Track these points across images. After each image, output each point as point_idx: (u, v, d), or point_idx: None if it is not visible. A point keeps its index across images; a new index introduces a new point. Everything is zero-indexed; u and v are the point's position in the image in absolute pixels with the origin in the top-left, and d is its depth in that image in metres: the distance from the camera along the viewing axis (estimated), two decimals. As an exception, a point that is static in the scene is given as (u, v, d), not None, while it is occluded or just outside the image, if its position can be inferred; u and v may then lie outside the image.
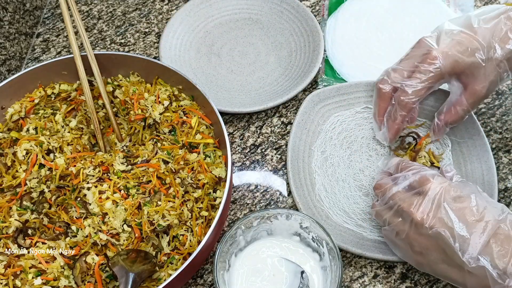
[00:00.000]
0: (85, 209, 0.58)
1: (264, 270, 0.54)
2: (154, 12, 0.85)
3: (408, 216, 0.51)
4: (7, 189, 0.60)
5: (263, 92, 0.74)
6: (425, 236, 0.50)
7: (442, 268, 0.50)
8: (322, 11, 0.83)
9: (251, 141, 0.70)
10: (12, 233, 0.57)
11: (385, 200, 0.54)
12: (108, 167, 0.61)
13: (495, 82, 0.58)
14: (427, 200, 0.50)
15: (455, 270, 0.49)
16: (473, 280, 0.48)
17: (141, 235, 0.57)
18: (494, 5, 0.61)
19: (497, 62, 0.56)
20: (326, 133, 0.69)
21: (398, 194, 0.53)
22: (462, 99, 0.59)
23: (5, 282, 0.54)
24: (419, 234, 0.51)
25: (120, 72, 0.69)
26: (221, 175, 0.61)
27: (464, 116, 0.61)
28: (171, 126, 0.65)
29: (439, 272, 0.51)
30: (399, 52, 0.76)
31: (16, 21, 0.78)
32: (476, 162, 0.64)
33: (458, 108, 0.60)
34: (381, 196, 0.55)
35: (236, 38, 0.81)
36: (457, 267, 0.48)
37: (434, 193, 0.50)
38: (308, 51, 0.76)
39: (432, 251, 0.50)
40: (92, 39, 0.82)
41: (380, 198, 0.55)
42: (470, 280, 0.48)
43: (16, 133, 0.64)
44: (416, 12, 0.80)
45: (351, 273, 0.60)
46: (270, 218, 0.55)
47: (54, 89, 0.68)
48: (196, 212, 0.58)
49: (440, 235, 0.48)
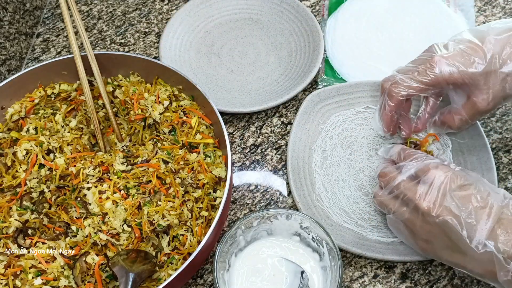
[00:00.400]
0: (85, 209, 0.58)
1: (264, 270, 0.54)
2: (154, 12, 0.85)
3: (414, 205, 0.52)
4: (7, 189, 0.60)
5: (263, 92, 0.74)
6: (431, 224, 0.51)
7: (446, 254, 0.51)
8: (322, 11, 0.83)
9: (251, 141, 0.70)
10: (12, 233, 0.57)
11: (390, 189, 0.55)
12: (108, 167, 0.61)
13: (498, 97, 0.56)
14: (433, 189, 0.51)
15: (459, 255, 0.50)
16: (477, 265, 0.49)
17: (141, 235, 0.57)
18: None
19: (503, 76, 0.55)
20: (326, 132, 0.69)
21: (403, 183, 0.53)
22: (461, 109, 0.59)
23: (5, 282, 0.54)
24: (425, 223, 0.51)
25: (120, 72, 0.69)
26: (221, 175, 0.61)
27: (462, 126, 0.60)
28: (171, 126, 0.65)
29: (443, 257, 0.52)
30: (399, 52, 0.77)
31: (16, 21, 0.78)
32: (476, 162, 0.64)
33: (456, 117, 0.60)
34: (386, 184, 0.56)
35: (236, 38, 0.81)
36: (461, 253, 0.49)
37: (439, 182, 0.51)
38: (308, 51, 0.76)
39: (437, 238, 0.51)
40: (92, 39, 0.82)
41: (384, 187, 0.56)
42: (475, 265, 0.49)
43: (16, 133, 0.64)
44: (416, 12, 0.80)
45: (351, 273, 0.60)
46: (270, 218, 0.55)
47: (54, 89, 0.68)
48: (196, 212, 0.58)
49: (447, 223, 0.49)
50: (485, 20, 0.81)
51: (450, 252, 0.51)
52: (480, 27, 0.58)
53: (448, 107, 0.62)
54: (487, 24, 0.58)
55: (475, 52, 0.55)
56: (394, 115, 0.62)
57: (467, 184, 0.51)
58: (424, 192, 0.51)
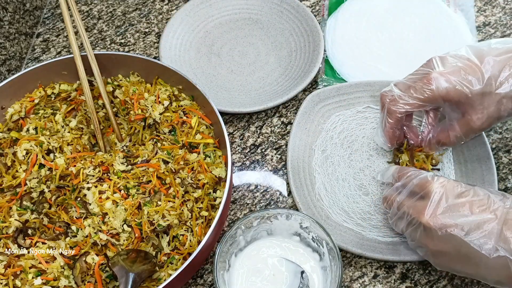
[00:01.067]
0: (85, 209, 0.58)
1: (264, 270, 0.54)
2: (154, 12, 0.85)
3: (417, 221, 0.51)
4: (7, 189, 0.60)
5: (263, 92, 0.74)
6: (437, 238, 0.50)
7: (459, 266, 0.50)
8: (322, 11, 0.83)
9: (251, 141, 0.70)
10: (12, 233, 0.57)
11: (394, 211, 0.54)
12: (108, 167, 0.61)
13: (493, 118, 0.56)
14: (432, 202, 0.50)
15: (472, 266, 0.49)
16: (493, 272, 0.47)
17: (141, 235, 0.57)
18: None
19: (498, 98, 0.54)
20: (327, 132, 0.69)
21: (404, 202, 0.53)
22: (455, 126, 0.58)
23: (5, 282, 0.54)
24: (430, 238, 0.50)
25: (120, 72, 0.69)
26: (221, 175, 0.61)
27: (457, 142, 0.60)
28: (171, 126, 0.65)
29: (457, 270, 0.51)
30: (399, 52, 0.77)
31: (16, 21, 0.78)
32: (476, 162, 0.64)
33: (451, 133, 0.59)
34: (389, 208, 0.56)
35: (236, 38, 0.81)
36: (474, 263, 0.48)
37: (437, 194, 0.50)
38: (308, 51, 0.76)
39: (447, 252, 0.50)
40: (92, 39, 0.82)
41: (390, 211, 0.56)
42: (490, 273, 0.48)
43: (16, 133, 0.64)
44: (416, 12, 0.80)
45: (351, 273, 0.60)
46: (270, 218, 0.55)
47: (54, 89, 0.68)
48: (196, 212, 0.58)
49: (451, 236, 0.48)
50: (485, 20, 0.81)
51: (463, 264, 0.50)
52: (481, 45, 0.57)
53: (442, 124, 0.61)
54: (487, 42, 0.57)
55: (473, 72, 0.54)
56: (396, 130, 0.62)
57: (466, 191, 0.50)
58: (423, 207, 0.50)
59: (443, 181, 0.51)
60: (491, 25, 0.80)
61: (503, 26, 0.80)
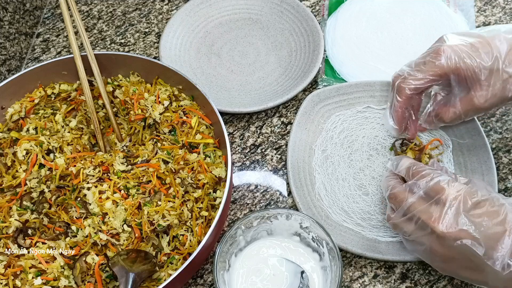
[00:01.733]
0: (85, 209, 0.58)
1: (264, 270, 0.54)
2: (154, 12, 0.85)
3: (430, 229, 0.49)
4: (7, 189, 0.60)
5: (263, 92, 0.74)
6: (450, 247, 0.49)
7: (467, 273, 0.50)
8: (322, 11, 0.83)
9: (251, 141, 0.70)
10: (12, 233, 0.57)
11: (403, 211, 0.53)
12: (108, 167, 0.61)
13: (498, 97, 0.55)
14: (447, 211, 0.49)
15: (481, 275, 0.48)
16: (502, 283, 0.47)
17: (141, 235, 0.57)
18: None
19: (506, 77, 0.54)
20: (327, 132, 0.69)
21: (415, 205, 0.51)
22: (457, 102, 0.58)
23: (5, 282, 0.54)
24: (443, 246, 0.49)
25: (120, 72, 0.69)
26: (221, 175, 0.61)
27: (454, 120, 0.59)
28: (171, 126, 0.65)
29: (463, 276, 0.51)
30: (399, 52, 0.77)
31: (16, 21, 0.78)
32: (476, 162, 0.64)
33: (450, 109, 0.59)
34: (397, 207, 0.54)
35: (236, 38, 0.81)
36: (483, 272, 0.48)
37: (453, 203, 0.49)
38: (308, 51, 0.76)
39: (457, 260, 0.49)
40: (92, 39, 0.82)
41: (397, 210, 0.54)
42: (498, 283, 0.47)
43: (16, 133, 0.64)
44: (416, 12, 0.80)
45: (351, 273, 0.60)
46: (270, 218, 0.55)
47: (54, 89, 0.68)
48: (196, 212, 0.58)
49: (466, 247, 0.47)
50: (485, 20, 0.81)
51: (471, 272, 0.49)
52: (491, 26, 0.57)
53: (445, 99, 0.61)
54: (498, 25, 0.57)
55: (483, 47, 0.54)
56: (405, 111, 0.61)
57: (482, 201, 0.49)
58: (438, 215, 0.49)
59: (459, 188, 0.50)
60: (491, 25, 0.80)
61: (503, 26, 0.80)
